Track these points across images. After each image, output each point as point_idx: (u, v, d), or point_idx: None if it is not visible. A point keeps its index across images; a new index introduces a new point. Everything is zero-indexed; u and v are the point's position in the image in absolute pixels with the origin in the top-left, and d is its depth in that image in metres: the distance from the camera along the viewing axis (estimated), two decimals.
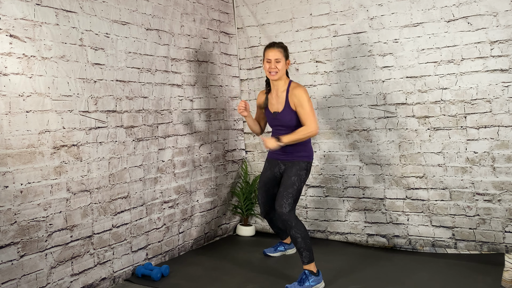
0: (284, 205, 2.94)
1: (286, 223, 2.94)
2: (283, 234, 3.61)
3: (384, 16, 3.65)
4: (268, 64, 3.07)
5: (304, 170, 3.06)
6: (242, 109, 3.18)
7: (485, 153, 3.33)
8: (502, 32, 3.22)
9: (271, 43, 3.13)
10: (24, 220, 2.53)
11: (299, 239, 2.91)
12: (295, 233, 2.91)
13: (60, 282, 2.73)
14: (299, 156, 3.07)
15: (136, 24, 3.29)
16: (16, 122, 2.49)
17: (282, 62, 3.06)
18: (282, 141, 2.95)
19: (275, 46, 3.09)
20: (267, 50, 3.10)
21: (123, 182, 3.17)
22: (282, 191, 3.00)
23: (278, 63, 3.04)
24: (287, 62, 3.11)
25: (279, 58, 3.04)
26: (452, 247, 3.50)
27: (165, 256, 3.56)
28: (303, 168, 3.06)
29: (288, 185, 2.99)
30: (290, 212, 2.94)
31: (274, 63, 3.04)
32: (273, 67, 3.04)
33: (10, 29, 2.47)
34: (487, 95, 3.30)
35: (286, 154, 3.10)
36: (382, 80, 3.69)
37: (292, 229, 2.92)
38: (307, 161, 3.08)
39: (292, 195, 2.97)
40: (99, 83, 3.00)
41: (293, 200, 2.97)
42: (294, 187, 2.99)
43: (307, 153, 3.10)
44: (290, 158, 3.10)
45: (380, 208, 3.78)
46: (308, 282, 2.86)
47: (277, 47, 3.08)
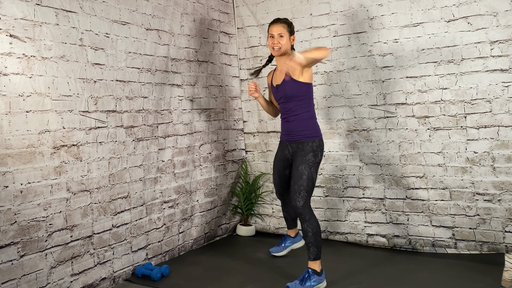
0: (298, 199, 2.90)
1: (300, 216, 2.92)
2: (290, 223, 3.54)
3: (384, 16, 3.65)
4: (271, 40, 3.02)
5: (310, 153, 2.94)
6: (253, 90, 3.12)
7: (485, 153, 3.33)
8: (502, 32, 3.22)
9: (275, 19, 3.08)
10: (24, 220, 2.53)
11: (310, 233, 2.88)
12: (307, 227, 2.88)
13: (60, 282, 2.73)
14: (303, 136, 2.98)
15: (136, 24, 3.29)
16: (16, 122, 2.49)
17: (286, 37, 3.01)
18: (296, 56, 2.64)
19: (279, 21, 3.04)
20: (271, 25, 3.05)
21: (123, 182, 3.17)
22: (292, 184, 2.94)
23: (281, 37, 3.00)
24: (292, 38, 3.06)
25: (283, 33, 3.00)
26: (452, 247, 3.50)
27: (165, 256, 3.56)
28: (308, 151, 2.94)
29: (297, 178, 2.93)
30: (304, 205, 2.90)
31: (277, 38, 3.00)
32: (275, 42, 3.00)
33: (10, 29, 2.47)
34: (487, 95, 3.30)
35: (290, 134, 3.04)
36: (382, 80, 3.69)
37: (305, 223, 2.89)
38: (311, 141, 2.96)
39: (303, 187, 2.90)
40: (99, 83, 3.00)
41: (305, 191, 2.90)
42: (303, 177, 2.90)
43: (311, 130, 2.99)
44: (294, 139, 3.02)
45: (380, 208, 3.78)
46: (310, 282, 2.85)
47: (281, 22, 3.03)
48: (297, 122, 3.01)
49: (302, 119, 3.00)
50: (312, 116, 3.05)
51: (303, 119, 3.00)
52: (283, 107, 3.09)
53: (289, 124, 3.05)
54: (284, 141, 3.16)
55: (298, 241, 3.61)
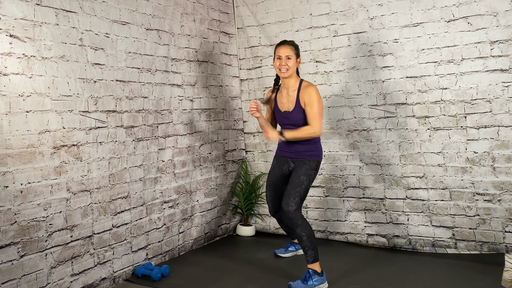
0: (291, 203, 2.93)
1: (292, 221, 2.94)
2: (293, 234, 3.57)
3: (384, 16, 3.65)
4: (279, 61, 3.04)
5: (313, 170, 3.04)
6: (254, 110, 3.12)
7: (485, 153, 3.33)
8: (502, 32, 3.22)
9: (283, 41, 3.12)
10: (24, 220, 2.53)
11: (304, 237, 2.90)
12: (301, 231, 2.90)
13: (60, 282, 2.73)
14: (309, 155, 3.05)
15: (136, 24, 3.29)
16: (16, 122, 2.49)
17: (293, 59, 3.04)
18: (285, 136, 2.96)
19: (286, 43, 3.08)
20: (278, 47, 3.08)
21: (123, 182, 3.17)
22: (290, 189, 2.98)
23: (288, 60, 3.02)
24: (298, 60, 3.09)
25: (290, 55, 3.03)
26: (452, 247, 3.50)
27: (165, 256, 3.56)
28: (312, 167, 3.04)
29: (296, 184, 2.98)
30: (296, 210, 2.93)
31: (284, 59, 3.02)
32: (283, 64, 3.02)
33: (10, 29, 2.47)
34: (487, 95, 3.30)
35: (296, 152, 3.08)
36: (382, 80, 3.69)
37: (298, 228, 2.91)
38: (316, 160, 3.07)
39: (299, 194, 2.96)
40: (99, 83, 3.00)
41: (300, 199, 2.97)
42: (302, 186, 2.98)
43: (317, 152, 3.08)
44: (300, 157, 3.07)
45: (380, 208, 3.78)
46: (312, 281, 2.87)
47: (288, 44, 3.07)
48: (305, 144, 3.05)
49: (310, 142, 3.06)
50: (319, 138, 3.12)
51: (310, 142, 3.06)
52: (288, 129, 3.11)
53: (295, 145, 3.07)
54: (284, 157, 3.18)
55: None
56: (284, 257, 3.60)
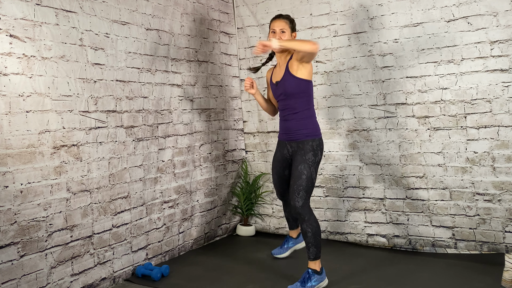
0: (296, 199, 2.88)
1: (299, 216, 2.89)
2: (292, 224, 3.53)
3: (384, 16, 3.65)
4: (273, 35, 3.01)
5: (310, 153, 2.92)
6: (248, 86, 3.10)
7: (485, 153, 3.34)
8: (502, 32, 3.22)
9: (278, 15, 3.08)
10: (24, 220, 2.53)
11: (309, 233, 2.87)
12: (306, 227, 2.87)
13: (60, 282, 2.73)
14: (303, 135, 2.96)
15: (136, 24, 3.29)
16: (16, 122, 2.49)
17: (288, 33, 3.01)
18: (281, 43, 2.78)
19: (281, 17, 3.04)
20: (273, 21, 3.05)
21: (123, 182, 3.17)
22: (292, 184, 2.92)
23: (283, 33, 2.99)
24: (293, 35, 3.06)
25: (284, 28, 2.99)
26: (452, 247, 3.50)
27: (165, 256, 3.56)
28: (308, 150, 2.92)
29: (296, 177, 2.91)
30: (303, 205, 2.88)
31: (279, 33, 2.99)
32: (277, 37, 2.98)
33: (10, 29, 2.47)
34: (487, 95, 3.30)
35: (290, 133, 3.02)
36: (382, 80, 3.69)
37: (304, 223, 2.87)
38: (311, 140, 2.95)
39: (302, 186, 2.88)
40: (99, 83, 3.00)
41: (305, 191, 2.88)
42: (302, 177, 2.89)
43: (311, 129, 2.97)
44: (294, 138, 3.00)
45: (380, 208, 3.78)
46: (311, 282, 2.85)
47: (283, 18, 3.04)
48: (296, 120, 2.99)
49: (302, 117, 2.98)
50: (312, 115, 3.03)
51: (303, 118, 2.98)
52: (282, 104, 3.07)
53: (288, 123, 3.03)
54: (283, 141, 3.14)
55: (300, 241, 3.59)
56: (282, 257, 3.55)
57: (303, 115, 2.99)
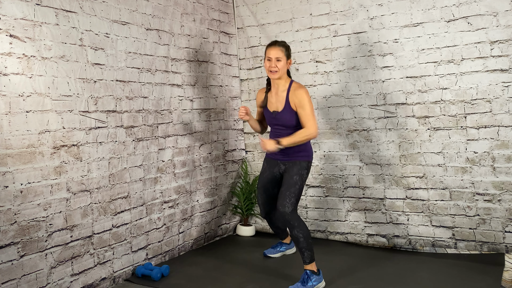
0: (287, 205, 2.93)
1: (289, 223, 2.93)
2: (282, 234, 3.60)
3: (384, 16, 3.65)
4: (269, 63, 3.03)
5: (305, 170, 3.05)
6: (243, 114, 3.16)
7: (485, 153, 3.33)
8: (502, 32, 3.22)
9: (273, 42, 3.10)
10: (24, 220, 2.53)
11: (301, 239, 2.90)
12: (298, 233, 2.90)
13: (60, 282, 2.73)
14: (299, 156, 3.06)
15: (136, 24, 3.29)
16: (16, 122, 2.49)
17: (283, 61, 3.02)
18: (282, 144, 2.90)
19: (277, 44, 3.05)
20: (268, 48, 3.07)
21: (123, 182, 3.17)
22: (284, 190, 2.98)
23: (278, 61, 3.01)
24: (289, 62, 3.08)
25: (280, 57, 3.01)
26: (452, 247, 3.50)
27: (165, 256, 3.56)
28: (304, 167, 3.04)
29: (290, 185, 2.98)
30: (292, 212, 2.93)
31: (274, 61, 3.01)
32: (273, 65, 3.01)
33: (10, 29, 2.47)
34: (487, 95, 3.30)
35: (286, 155, 3.08)
36: (382, 80, 3.69)
37: (295, 229, 2.91)
38: (307, 161, 3.07)
39: (294, 194, 2.96)
40: (99, 83, 3.00)
41: (295, 199, 2.97)
42: (296, 186, 2.97)
43: (307, 152, 3.08)
44: (290, 159, 3.08)
45: (380, 208, 3.78)
46: (311, 282, 2.87)
47: (279, 45, 3.04)
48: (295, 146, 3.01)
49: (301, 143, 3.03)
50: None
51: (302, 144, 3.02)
52: (277, 131, 3.12)
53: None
54: (274, 160, 3.18)
55: (292, 247, 3.69)
56: (273, 257, 3.59)
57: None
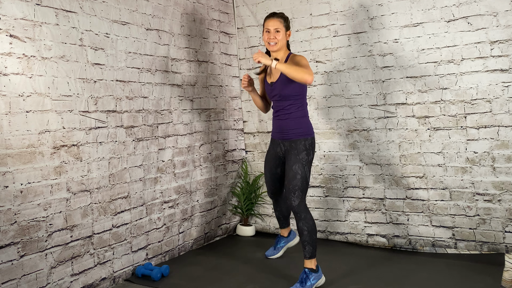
0: (293, 198, 2.90)
1: (296, 215, 2.91)
2: (283, 222, 3.54)
3: (384, 16, 3.65)
4: (267, 35, 2.99)
5: (303, 152, 2.94)
6: (246, 83, 3.10)
7: (485, 153, 3.33)
8: (502, 32, 3.22)
9: (271, 13, 3.05)
10: (24, 220, 2.53)
11: (305, 232, 2.88)
12: (303, 225, 2.88)
13: (60, 282, 2.73)
14: (296, 134, 2.98)
15: (136, 24, 3.29)
16: (16, 122, 2.49)
17: (282, 32, 2.99)
18: (277, 63, 2.78)
19: (275, 15, 3.02)
20: (266, 20, 3.03)
21: (123, 182, 3.17)
22: (287, 184, 2.94)
23: (277, 33, 2.97)
24: (288, 33, 3.04)
25: (279, 28, 2.97)
26: (452, 247, 3.50)
27: (165, 256, 3.56)
28: (301, 150, 2.94)
29: (291, 177, 2.92)
30: (299, 204, 2.90)
31: (273, 33, 2.97)
32: (272, 37, 2.97)
33: (10, 29, 2.47)
34: (487, 95, 3.30)
35: (282, 132, 3.03)
36: (382, 80, 3.69)
37: (301, 221, 2.89)
38: (304, 139, 2.96)
39: (297, 186, 2.90)
40: (99, 83, 3.00)
41: (300, 190, 2.90)
42: (297, 177, 2.90)
43: (304, 129, 2.98)
44: (287, 137, 3.01)
45: (380, 208, 3.78)
46: (310, 282, 2.86)
47: (277, 16, 3.01)
48: (290, 120, 3.00)
49: (295, 117, 3.00)
50: (305, 114, 3.05)
51: (296, 117, 3.00)
52: (276, 105, 3.08)
53: (281, 122, 3.04)
54: (276, 139, 3.15)
55: (292, 239, 3.62)
56: (276, 257, 3.55)
57: (297, 115, 3.01)
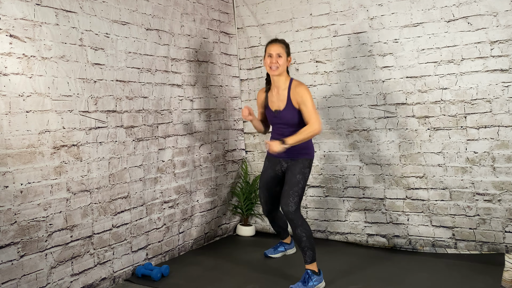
0: (290, 204, 2.93)
1: (292, 222, 2.93)
2: (283, 234, 3.60)
3: (384, 16, 3.65)
4: (269, 59, 3.04)
5: (307, 168, 3.05)
6: (246, 114, 3.16)
7: (485, 153, 3.33)
8: (502, 32, 3.22)
9: (273, 39, 3.12)
10: (24, 220, 2.53)
11: (304, 238, 2.90)
12: (301, 232, 2.91)
13: (60, 282, 2.73)
14: (301, 154, 3.06)
15: (136, 24, 3.29)
16: (16, 122, 2.49)
17: (284, 57, 3.03)
18: (287, 143, 2.88)
19: (277, 41, 3.08)
20: (269, 45, 3.08)
21: (123, 182, 3.17)
22: (287, 189, 2.98)
23: (279, 58, 3.01)
24: (289, 59, 3.09)
25: (281, 53, 3.02)
26: (452, 247, 3.50)
27: (165, 256, 3.56)
28: (306, 166, 3.05)
29: (293, 184, 2.97)
30: (296, 211, 2.93)
31: (275, 57, 3.01)
32: (274, 61, 3.01)
33: (10, 29, 2.47)
34: (487, 95, 3.30)
35: (288, 152, 3.06)
36: (382, 80, 3.69)
37: (298, 228, 2.92)
38: (309, 159, 3.08)
39: (297, 193, 2.96)
40: (99, 83, 3.00)
41: (298, 198, 2.96)
42: (299, 185, 2.98)
43: (309, 150, 3.09)
44: (292, 157, 3.08)
45: (380, 208, 3.78)
46: (312, 282, 2.87)
47: (279, 42, 3.07)
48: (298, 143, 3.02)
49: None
50: None
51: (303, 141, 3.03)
52: (279, 130, 3.11)
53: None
54: (276, 158, 3.17)
55: (292, 247, 3.69)
56: (274, 257, 3.59)
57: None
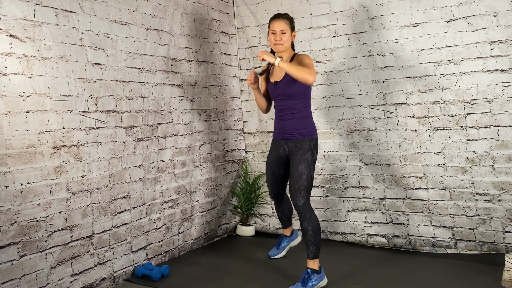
0: (298, 198, 2.89)
1: (300, 215, 2.91)
2: (285, 222, 3.53)
3: (384, 16, 3.65)
4: (273, 36, 2.99)
5: (308, 152, 2.93)
6: (252, 79, 3.08)
7: (485, 153, 3.34)
8: (502, 32, 3.22)
9: (277, 14, 3.05)
10: (24, 220, 2.53)
11: (310, 231, 2.88)
12: (307, 225, 2.88)
13: (60, 282, 2.73)
14: (300, 134, 2.96)
15: (136, 24, 3.29)
16: (16, 122, 2.49)
17: (288, 33, 2.99)
18: (280, 61, 2.77)
19: (281, 17, 3.01)
20: (272, 21, 3.02)
21: (123, 182, 3.17)
22: (292, 184, 2.93)
23: (283, 34, 2.97)
24: (293, 34, 3.04)
25: (285, 29, 2.97)
26: (452, 247, 3.50)
27: (165, 256, 3.56)
28: (306, 150, 2.93)
29: (297, 178, 2.91)
30: (304, 204, 2.90)
31: (279, 34, 2.97)
32: (278, 38, 2.97)
33: (10, 29, 2.47)
34: (487, 95, 3.30)
35: (287, 132, 3.01)
36: (382, 80, 3.69)
37: (305, 221, 2.89)
38: (309, 139, 2.96)
39: (303, 186, 2.90)
40: (99, 83, 3.00)
41: (306, 190, 2.90)
42: (303, 177, 2.90)
43: (308, 129, 2.98)
44: (291, 137, 2.99)
45: (380, 208, 3.78)
46: (311, 282, 2.85)
47: (283, 18, 3.01)
48: (294, 120, 2.98)
49: (299, 117, 2.98)
50: (309, 114, 3.04)
51: (300, 118, 2.99)
52: (279, 104, 3.06)
53: (285, 123, 3.02)
54: (279, 139, 3.12)
55: (294, 238, 3.62)
56: (279, 257, 3.55)
57: (301, 115, 2.99)
